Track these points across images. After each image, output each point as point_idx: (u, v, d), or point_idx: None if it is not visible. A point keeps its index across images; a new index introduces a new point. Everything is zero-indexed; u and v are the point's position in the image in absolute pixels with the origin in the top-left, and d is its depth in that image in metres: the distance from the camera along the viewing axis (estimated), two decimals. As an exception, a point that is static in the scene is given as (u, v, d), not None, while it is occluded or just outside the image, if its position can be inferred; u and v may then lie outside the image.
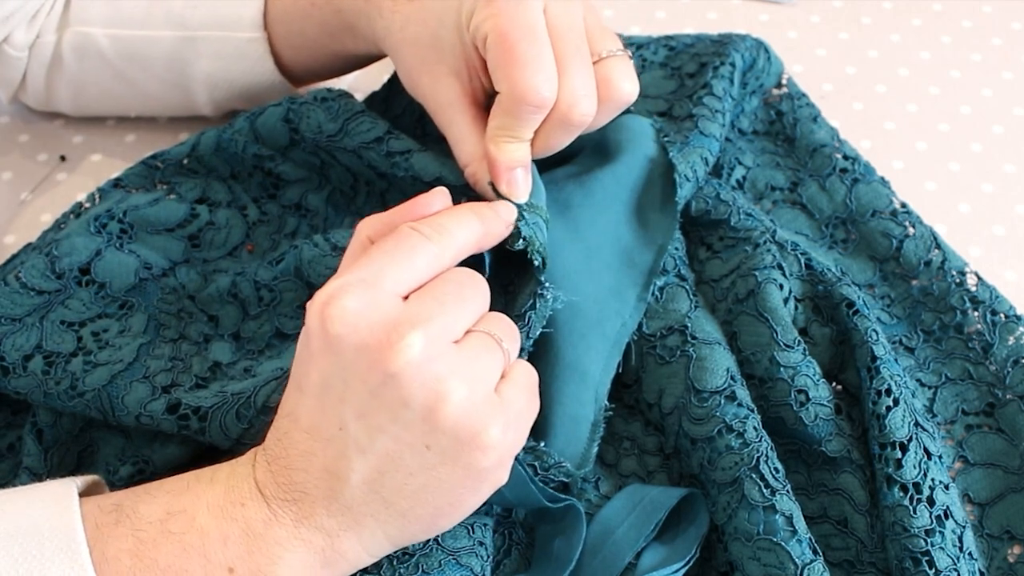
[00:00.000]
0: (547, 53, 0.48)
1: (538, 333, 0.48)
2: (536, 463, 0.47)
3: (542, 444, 0.47)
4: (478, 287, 0.44)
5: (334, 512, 0.41)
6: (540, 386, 0.46)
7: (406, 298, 0.42)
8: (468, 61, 0.51)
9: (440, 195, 0.46)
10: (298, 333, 0.54)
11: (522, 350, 0.47)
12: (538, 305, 0.47)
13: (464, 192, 0.54)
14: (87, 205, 0.59)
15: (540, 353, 0.50)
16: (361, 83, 0.72)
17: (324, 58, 0.63)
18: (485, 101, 0.53)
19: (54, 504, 0.40)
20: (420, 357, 0.39)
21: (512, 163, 0.49)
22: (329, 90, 0.59)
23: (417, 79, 0.54)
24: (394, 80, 0.64)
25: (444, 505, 0.42)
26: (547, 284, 0.48)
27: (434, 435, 0.40)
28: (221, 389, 0.49)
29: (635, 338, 0.52)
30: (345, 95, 0.59)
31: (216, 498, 0.41)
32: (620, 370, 0.52)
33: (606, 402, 0.50)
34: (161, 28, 0.63)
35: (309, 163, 0.60)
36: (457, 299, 0.42)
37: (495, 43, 0.48)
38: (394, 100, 0.64)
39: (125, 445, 0.51)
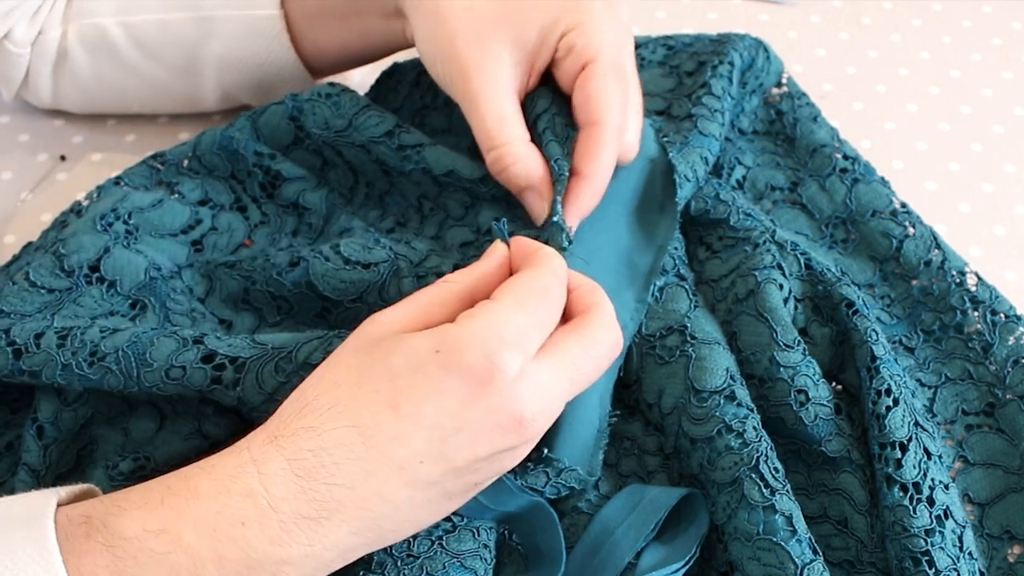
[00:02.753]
0: None
1: None
2: (548, 470, 0.47)
3: (544, 451, 0.47)
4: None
5: (362, 530, 0.40)
6: None
7: None
8: (535, 60, 0.54)
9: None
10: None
11: None
12: None
13: (476, 184, 0.54)
14: (86, 203, 0.59)
15: None
16: (369, 80, 0.72)
17: (339, 30, 0.63)
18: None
19: (28, 514, 0.38)
20: (536, 432, 0.42)
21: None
22: (332, 85, 0.59)
23: (464, 49, 0.53)
24: (379, 83, 0.65)
25: (455, 509, 0.43)
26: None
27: (494, 477, 0.42)
28: (257, 341, 0.47)
29: (635, 339, 0.52)
30: (348, 90, 0.59)
31: (204, 516, 0.38)
32: (622, 373, 0.52)
33: (610, 407, 0.50)
34: (174, 10, 0.63)
35: (309, 163, 0.60)
36: (587, 381, 0.44)
37: (604, 72, 0.52)
38: (385, 100, 0.64)
39: (124, 442, 0.50)
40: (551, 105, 0.54)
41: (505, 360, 0.40)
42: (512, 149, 0.52)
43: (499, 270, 0.45)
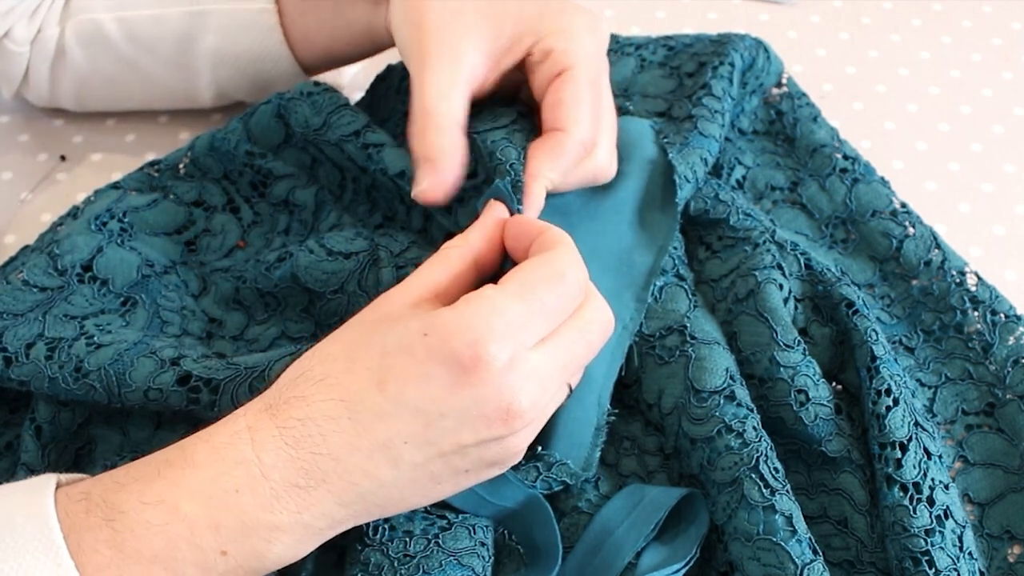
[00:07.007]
0: None
1: None
2: (538, 464, 0.47)
3: (539, 448, 0.47)
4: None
5: (348, 502, 0.41)
6: None
7: None
8: (500, 57, 0.53)
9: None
10: (304, 337, 0.54)
11: None
12: None
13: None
14: (83, 207, 0.59)
15: None
16: (359, 81, 0.72)
17: (330, 19, 0.63)
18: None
19: (29, 494, 0.39)
20: (528, 422, 0.41)
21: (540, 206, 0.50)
22: (316, 83, 0.60)
23: (428, 32, 0.52)
24: (373, 87, 0.65)
25: (446, 495, 0.43)
26: None
27: (486, 467, 0.42)
28: (231, 362, 0.48)
29: (635, 339, 0.52)
30: (330, 89, 0.59)
31: (200, 484, 0.39)
32: (623, 373, 0.52)
33: (608, 406, 0.50)
34: (170, 5, 0.64)
35: (300, 161, 0.60)
36: (580, 365, 0.44)
37: (580, 81, 0.51)
38: (379, 105, 0.64)
39: (123, 442, 0.51)
40: (516, 120, 0.54)
41: (492, 351, 0.39)
42: (439, 120, 0.50)
43: (497, 231, 0.45)
